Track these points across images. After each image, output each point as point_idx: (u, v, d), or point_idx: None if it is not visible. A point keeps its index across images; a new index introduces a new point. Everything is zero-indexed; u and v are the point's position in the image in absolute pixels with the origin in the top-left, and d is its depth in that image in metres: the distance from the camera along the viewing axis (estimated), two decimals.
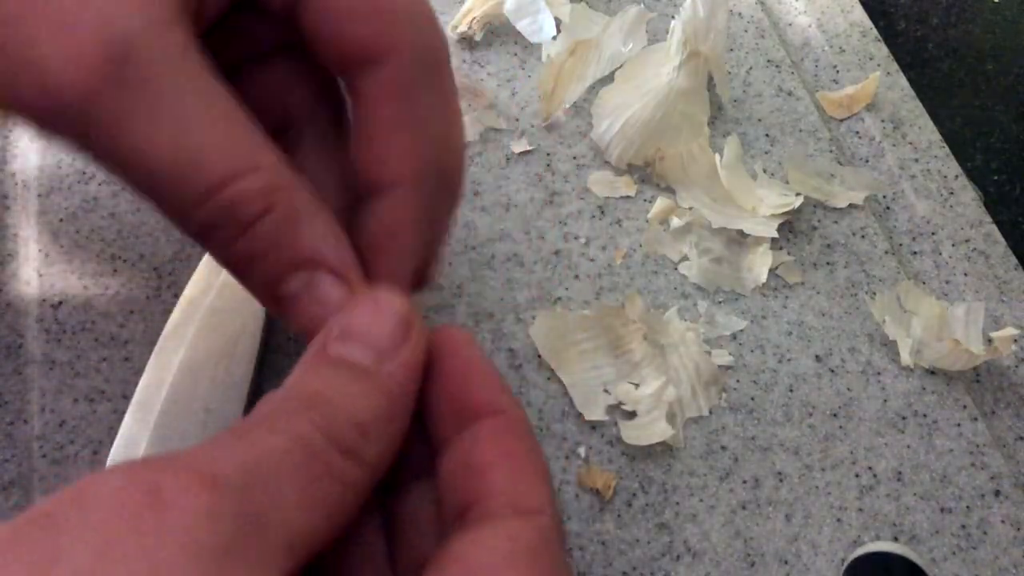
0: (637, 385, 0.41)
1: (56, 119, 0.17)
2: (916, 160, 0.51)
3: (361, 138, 0.21)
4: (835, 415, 0.43)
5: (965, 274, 0.48)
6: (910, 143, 0.52)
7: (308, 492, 0.15)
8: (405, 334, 0.18)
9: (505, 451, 0.18)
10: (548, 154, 0.48)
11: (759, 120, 0.51)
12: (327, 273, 0.19)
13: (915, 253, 0.49)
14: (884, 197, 0.50)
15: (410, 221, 0.21)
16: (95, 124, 0.17)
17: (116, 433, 0.34)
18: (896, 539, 0.40)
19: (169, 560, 0.13)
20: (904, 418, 0.43)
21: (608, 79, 0.49)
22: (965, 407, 0.44)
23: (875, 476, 0.41)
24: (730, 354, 0.43)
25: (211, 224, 0.18)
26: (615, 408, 0.41)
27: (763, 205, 0.47)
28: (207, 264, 0.40)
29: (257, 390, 0.38)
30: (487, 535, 0.16)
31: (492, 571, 0.15)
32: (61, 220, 0.43)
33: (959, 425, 0.43)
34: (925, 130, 0.52)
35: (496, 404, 0.18)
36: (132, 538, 0.13)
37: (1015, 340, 0.43)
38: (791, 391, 0.43)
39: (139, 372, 0.36)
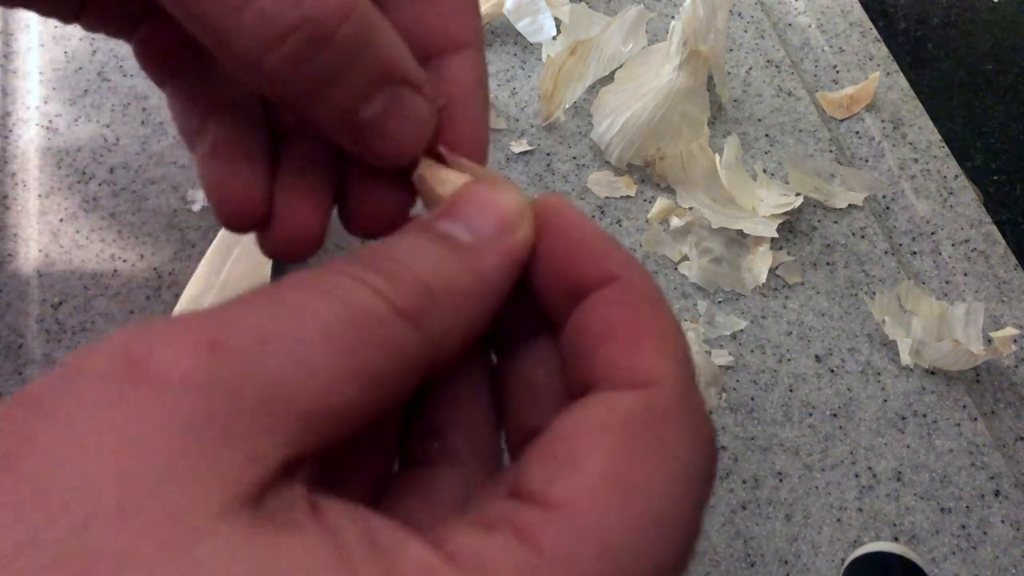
0: None
1: None
2: (916, 160, 0.51)
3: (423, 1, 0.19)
4: (835, 415, 0.43)
5: (965, 274, 0.48)
6: (910, 143, 0.52)
7: (348, 360, 0.14)
8: (514, 225, 0.16)
9: (620, 319, 0.15)
10: (548, 154, 0.48)
11: (759, 120, 0.51)
12: (413, 89, 0.17)
13: (915, 253, 0.49)
14: (884, 197, 0.50)
15: (483, 81, 0.19)
16: None
17: None
18: (896, 539, 0.40)
19: (143, 439, 0.11)
20: (904, 418, 0.43)
21: (608, 79, 0.49)
22: (965, 407, 0.44)
23: (875, 476, 0.41)
24: (730, 354, 0.43)
25: (281, 40, 0.16)
26: None
27: (763, 205, 0.47)
28: (207, 264, 0.40)
29: None
30: (586, 405, 0.14)
31: (579, 437, 0.14)
32: (61, 220, 0.43)
33: (959, 425, 0.43)
34: (925, 130, 0.52)
35: (605, 272, 0.16)
36: (108, 416, 0.11)
37: (1015, 340, 0.43)
38: (791, 391, 0.43)
39: None
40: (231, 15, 0.15)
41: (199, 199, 0.44)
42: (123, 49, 0.48)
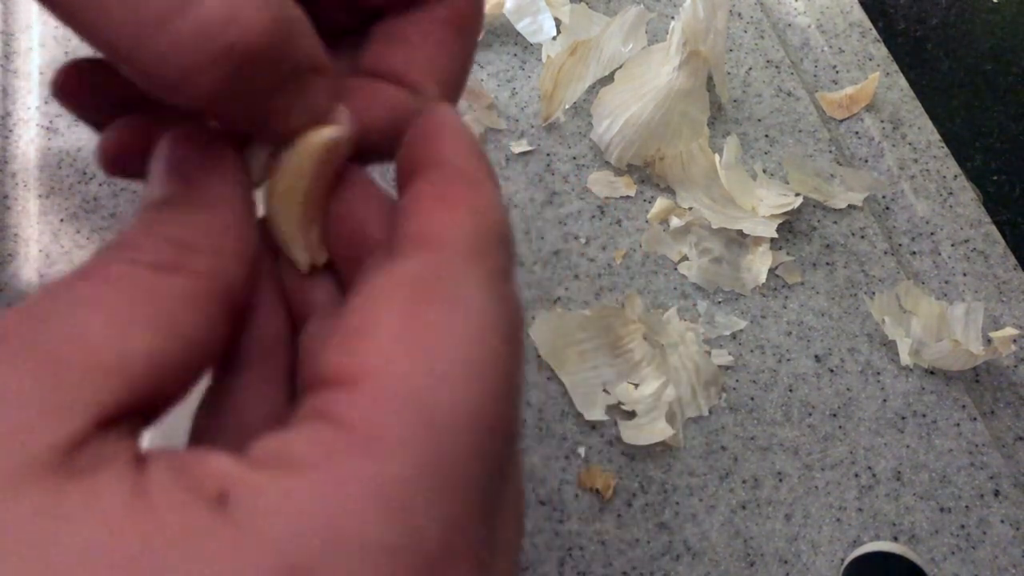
0: (637, 385, 0.41)
1: None
2: (915, 160, 0.51)
3: None
4: (834, 415, 0.43)
5: (964, 274, 0.48)
6: (909, 143, 0.52)
7: (121, 316, 0.14)
8: (214, 154, 0.17)
9: (421, 196, 0.15)
10: (548, 154, 0.48)
11: (759, 120, 0.51)
12: (319, 78, 0.17)
13: (914, 253, 0.49)
14: (883, 197, 0.50)
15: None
16: None
17: None
18: (895, 539, 0.40)
19: None
20: (903, 418, 0.43)
21: (608, 79, 0.49)
22: (964, 407, 0.44)
23: (874, 476, 0.41)
24: (730, 354, 0.43)
25: (203, 70, 0.15)
26: (615, 408, 0.41)
27: (763, 205, 0.47)
28: None
29: None
30: (370, 280, 0.14)
31: (366, 309, 0.13)
32: (62, 221, 0.43)
33: (958, 425, 0.43)
34: (924, 130, 0.52)
35: (432, 159, 0.16)
36: None
37: (1014, 340, 0.43)
38: (791, 391, 0.43)
39: None
40: (148, 41, 0.15)
41: None
42: None
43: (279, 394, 0.17)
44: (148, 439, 0.34)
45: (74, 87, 0.18)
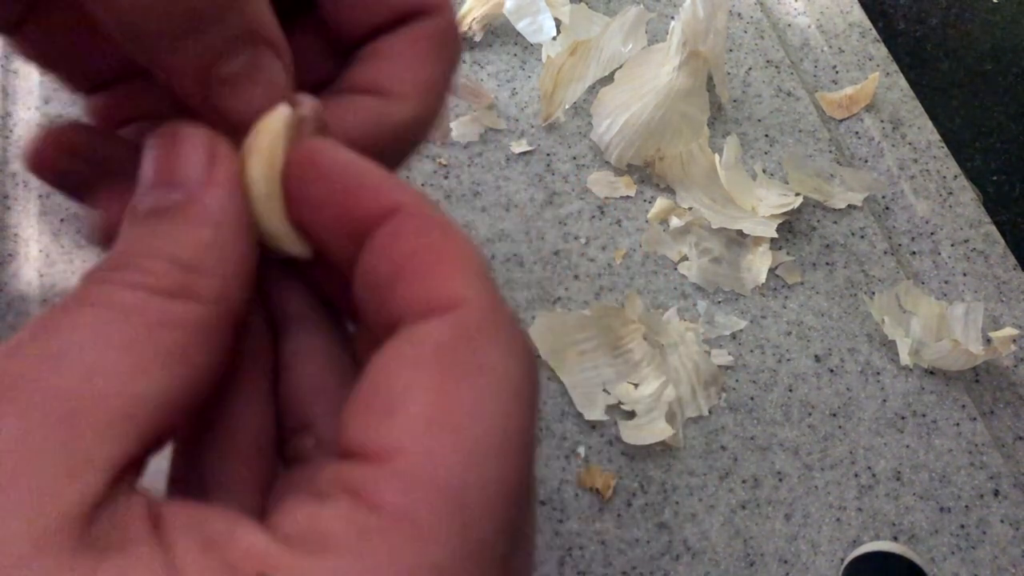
0: (637, 385, 0.41)
1: None
2: (915, 160, 0.51)
3: None
4: (834, 415, 0.43)
5: (964, 274, 0.48)
6: (909, 143, 0.52)
7: (134, 351, 0.13)
8: (211, 158, 0.16)
9: (409, 252, 0.15)
10: (548, 154, 0.48)
11: (759, 120, 0.51)
12: (274, 55, 0.17)
13: (914, 253, 0.49)
14: (883, 197, 0.50)
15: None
16: None
17: None
18: (895, 538, 0.40)
19: None
20: (903, 418, 0.43)
21: (608, 79, 0.49)
22: (964, 407, 0.44)
23: (874, 476, 0.41)
24: (729, 354, 0.43)
25: None
26: (615, 408, 0.41)
27: (762, 205, 0.47)
28: None
29: None
30: (391, 345, 0.14)
31: (392, 379, 0.13)
32: (62, 220, 0.43)
33: (958, 425, 0.43)
34: (924, 130, 0.52)
35: (385, 204, 0.15)
36: None
37: (1014, 340, 0.43)
38: (790, 391, 0.43)
39: None
40: None
41: None
42: None
43: (267, 410, 0.17)
44: None
45: (49, 158, 0.18)
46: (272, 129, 0.17)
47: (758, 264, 0.46)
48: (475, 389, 0.13)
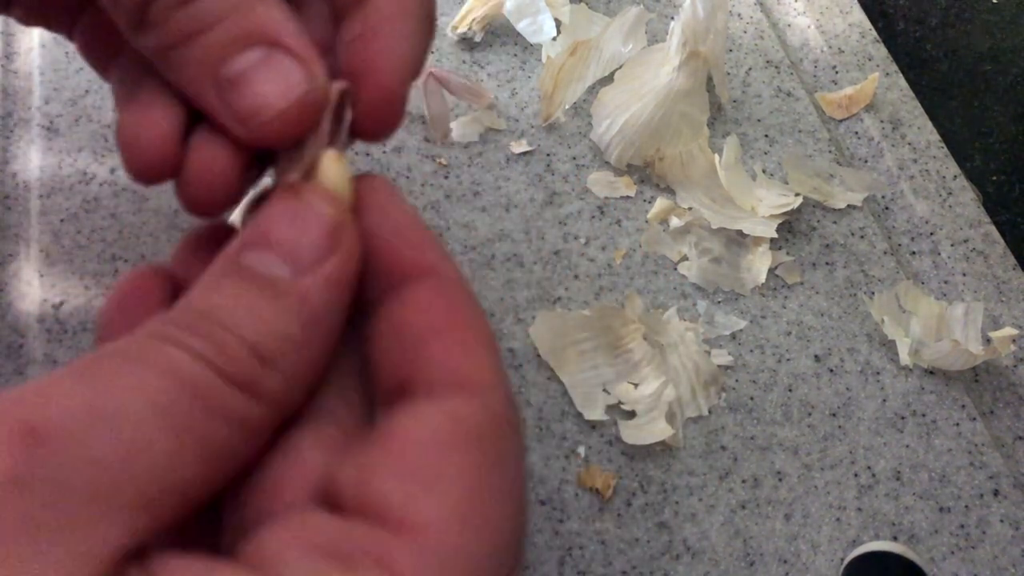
0: (637, 385, 0.41)
1: None
2: (915, 160, 0.51)
3: None
4: (834, 415, 0.43)
5: (964, 274, 0.48)
6: (909, 143, 0.52)
7: (183, 437, 0.12)
8: (333, 243, 0.15)
9: (443, 317, 0.15)
10: (548, 154, 0.48)
11: (758, 120, 0.51)
12: (286, 54, 0.17)
13: (914, 253, 0.49)
14: (883, 197, 0.50)
15: (410, 11, 0.18)
16: None
17: None
18: (895, 538, 0.40)
19: None
20: (903, 418, 0.43)
21: (608, 79, 0.49)
22: (964, 407, 0.44)
23: (874, 476, 0.41)
24: (729, 354, 0.43)
25: None
26: (615, 408, 0.41)
27: (762, 205, 0.47)
28: None
29: None
30: (429, 412, 0.14)
31: (432, 452, 0.13)
32: (62, 220, 0.43)
33: (958, 425, 0.43)
34: (924, 130, 0.52)
35: (427, 263, 0.15)
36: None
37: (1014, 340, 0.43)
38: (790, 391, 0.43)
39: None
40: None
41: None
42: None
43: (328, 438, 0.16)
44: None
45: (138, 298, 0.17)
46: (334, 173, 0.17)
47: (758, 264, 0.46)
48: (501, 482, 0.14)
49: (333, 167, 0.16)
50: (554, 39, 0.50)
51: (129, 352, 0.13)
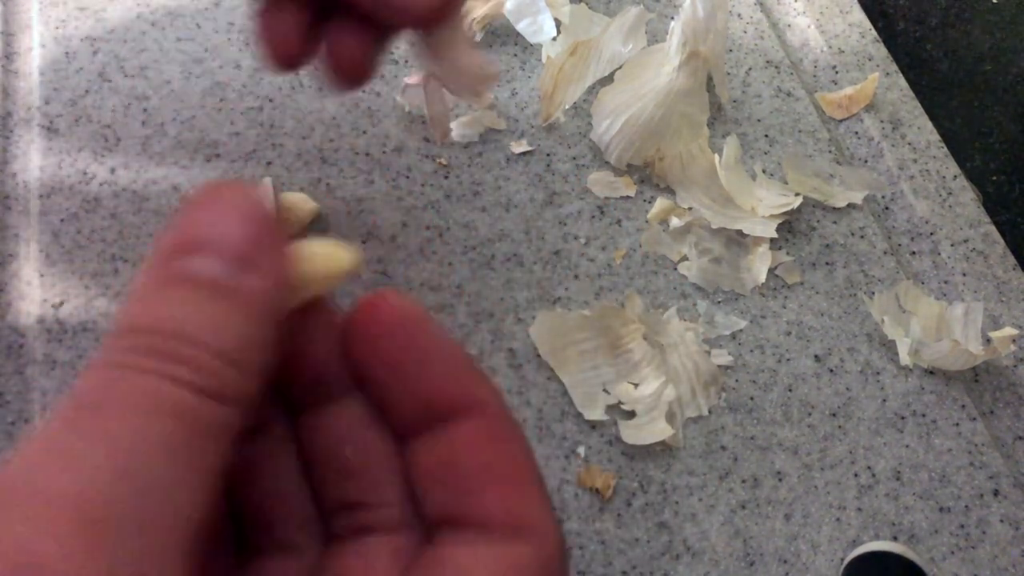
0: (637, 385, 0.41)
1: None
2: (915, 160, 0.51)
3: None
4: (834, 415, 0.43)
5: (964, 274, 0.48)
6: (909, 143, 0.52)
7: (191, 472, 0.12)
8: (265, 234, 0.15)
9: (496, 456, 0.15)
10: (548, 154, 0.48)
11: (758, 120, 0.51)
12: None
13: (914, 253, 0.49)
14: (883, 197, 0.50)
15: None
16: None
17: None
18: (895, 538, 0.40)
19: None
20: (903, 418, 0.43)
21: (608, 79, 0.49)
22: (964, 407, 0.44)
23: (874, 476, 0.41)
24: (729, 354, 0.43)
25: None
26: (615, 408, 0.41)
27: (762, 205, 0.47)
28: None
29: None
30: (488, 556, 0.14)
31: None
32: (62, 221, 0.43)
33: (958, 425, 0.43)
34: (924, 130, 0.52)
35: (473, 397, 0.15)
36: None
37: (1014, 340, 0.43)
38: (790, 391, 0.43)
39: None
40: None
41: None
42: (124, 49, 0.48)
43: (399, 543, 0.17)
44: None
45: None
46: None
47: (758, 264, 0.46)
48: None
49: (325, 250, 0.16)
50: (554, 39, 0.50)
51: (111, 398, 0.13)
